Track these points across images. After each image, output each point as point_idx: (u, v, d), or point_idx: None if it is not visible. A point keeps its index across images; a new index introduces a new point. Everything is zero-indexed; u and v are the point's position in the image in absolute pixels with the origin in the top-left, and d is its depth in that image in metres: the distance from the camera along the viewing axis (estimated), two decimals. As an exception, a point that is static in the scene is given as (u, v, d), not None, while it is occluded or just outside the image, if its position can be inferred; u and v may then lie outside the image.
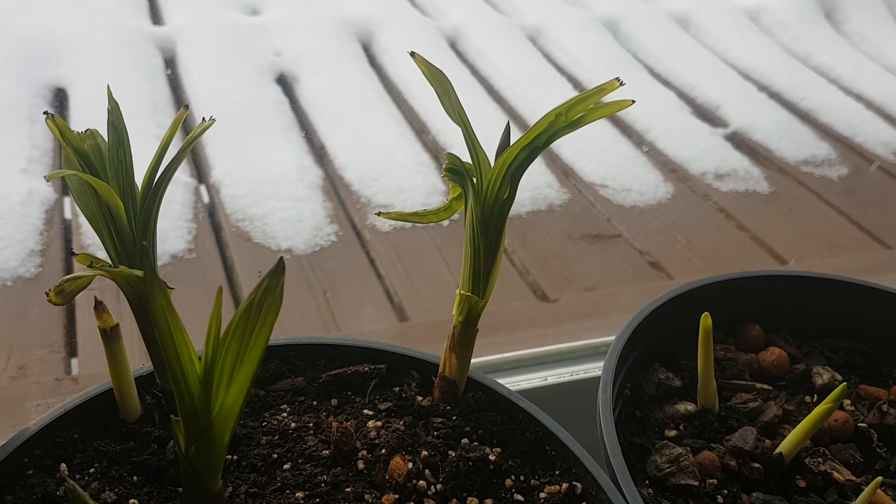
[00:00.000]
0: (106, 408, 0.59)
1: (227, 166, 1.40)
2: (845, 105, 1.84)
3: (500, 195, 0.57)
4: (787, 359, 0.73)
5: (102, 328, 0.56)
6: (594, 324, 1.06)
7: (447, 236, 1.31)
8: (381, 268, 1.24)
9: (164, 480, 0.55)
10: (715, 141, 1.67)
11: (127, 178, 0.50)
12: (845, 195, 1.55)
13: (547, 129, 0.54)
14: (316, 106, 1.63)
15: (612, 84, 0.52)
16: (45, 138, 1.42)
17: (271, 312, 0.41)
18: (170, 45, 1.76)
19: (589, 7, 2.18)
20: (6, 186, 1.26)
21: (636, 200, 1.47)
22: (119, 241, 0.50)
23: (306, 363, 0.66)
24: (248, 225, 1.28)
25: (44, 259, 1.16)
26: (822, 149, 1.68)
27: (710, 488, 0.61)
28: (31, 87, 1.54)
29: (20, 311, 1.06)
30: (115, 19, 1.79)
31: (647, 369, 0.70)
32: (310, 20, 1.92)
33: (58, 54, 1.64)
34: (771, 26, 2.16)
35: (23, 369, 0.97)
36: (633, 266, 1.31)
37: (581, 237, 1.37)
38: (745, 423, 0.67)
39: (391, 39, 1.89)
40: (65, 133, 0.49)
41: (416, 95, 1.71)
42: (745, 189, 1.53)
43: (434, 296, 1.20)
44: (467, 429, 0.61)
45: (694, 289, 0.73)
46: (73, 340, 1.03)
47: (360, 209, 1.36)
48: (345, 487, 0.55)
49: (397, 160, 1.48)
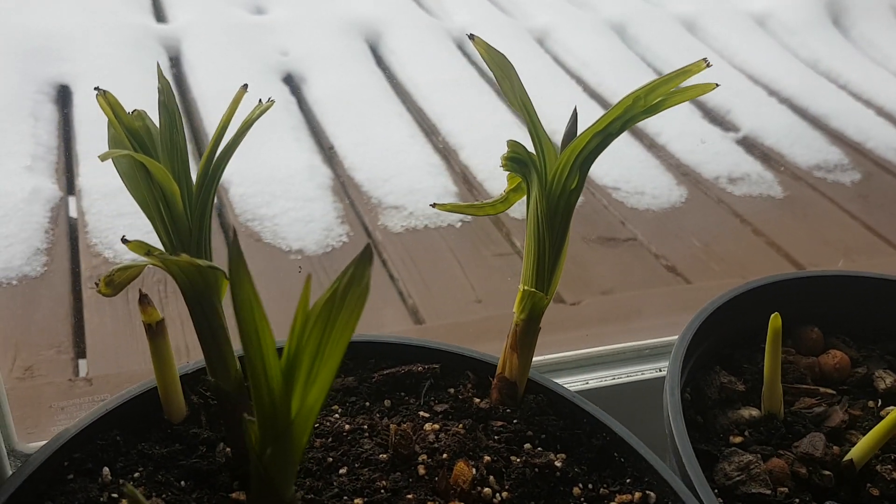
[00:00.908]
0: (149, 408, 0.55)
1: (235, 166, 1.35)
2: (855, 110, 1.83)
3: (568, 185, 0.54)
4: (848, 362, 0.70)
5: (147, 323, 0.52)
6: (619, 328, 1.04)
7: (460, 238, 1.29)
8: (394, 269, 1.21)
9: (215, 486, 0.51)
10: (727, 145, 1.65)
11: (182, 161, 0.47)
12: (859, 200, 1.54)
13: (623, 113, 0.51)
14: (324, 106, 1.61)
15: (698, 65, 0.49)
16: (48, 135, 1.41)
17: (358, 305, 0.38)
18: (174, 43, 1.74)
19: (596, 10, 2.16)
20: (10, 184, 1.24)
21: (650, 203, 1.45)
22: (174, 228, 0.46)
23: (356, 362, 0.62)
24: (258, 225, 1.26)
25: (49, 258, 1.14)
26: (833, 154, 1.67)
27: (782, 497, 0.58)
28: (35, 84, 1.53)
29: (26, 311, 1.04)
30: (119, 17, 1.77)
31: (707, 373, 0.67)
32: (316, 20, 1.89)
33: (61, 51, 1.62)
34: (778, 31, 2.16)
35: (30, 370, 0.95)
36: (649, 270, 1.29)
37: (596, 240, 1.35)
38: (812, 429, 0.64)
39: (399, 40, 1.87)
40: (117, 110, 0.45)
41: (424, 96, 1.69)
42: (758, 193, 1.52)
43: (448, 298, 1.18)
44: (529, 433, 0.58)
45: (749, 290, 0.70)
46: (82, 341, 1.01)
47: (370, 210, 1.33)
48: (406, 494, 0.52)
49: (407, 161, 1.46)
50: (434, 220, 1.32)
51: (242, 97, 0.48)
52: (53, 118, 1.46)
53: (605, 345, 0.85)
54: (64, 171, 1.34)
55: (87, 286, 1.09)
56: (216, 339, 0.49)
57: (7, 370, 0.93)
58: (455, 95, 1.69)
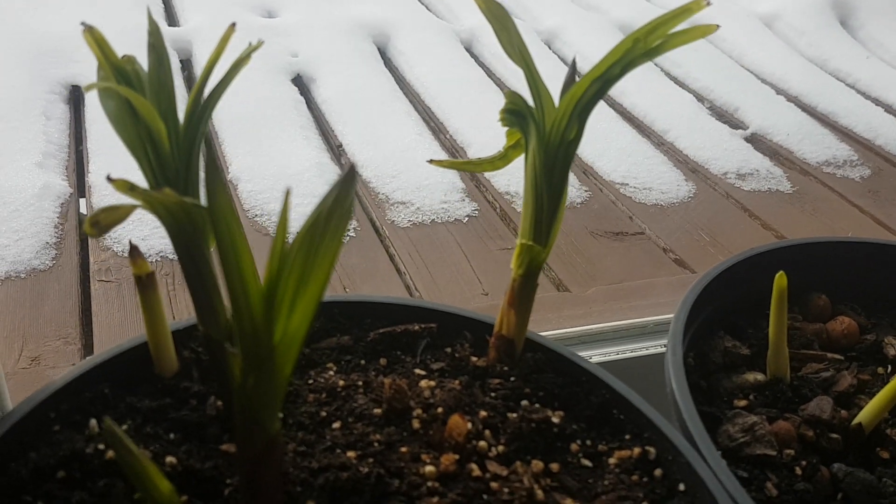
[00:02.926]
0: (139, 362, 0.54)
1: (244, 163, 1.38)
2: (864, 108, 1.82)
3: (567, 135, 0.53)
4: (857, 328, 0.69)
5: (137, 275, 0.51)
6: (631, 304, 1.02)
7: (468, 232, 1.28)
8: (401, 263, 1.21)
9: (205, 438, 0.50)
10: (735, 142, 1.65)
11: (168, 100, 0.46)
12: (869, 195, 1.52)
13: (622, 57, 0.50)
14: (333, 105, 1.62)
15: (698, 3, 0.48)
16: (59, 134, 1.43)
17: (340, 228, 0.37)
18: (185, 45, 1.76)
19: (604, 11, 2.16)
20: (21, 180, 1.26)
21: (658, 199, 1.44)
22: (159, 168, 0.45)
23: (352, 322, 0.61)
24: (267, 220, 1.26)
25: (58, 251, 1.14)
26: (843, 150, 1.66)
27: (788, 459, 0.57)
28: (47, 84, 1.55)
29: (34, 304, 1.04)
30: (130, 19, 1.78)
31: (711, 338, 0.66)
32: (325, 23, 1.91)
33: (74, 53, 1.65)
34: (786, 32, 2.15)
35: (36, 360, 0.95)
36: (657, 263, 1.28)
37: (604, 234, 1.34)
38: (819, 393, 0.62)
39: (407, 41, 1.88)
40: (104, 49, 0.45)
41: (432, 96, 1.69)
42: (767, 188, 1.51)
43: (455, 290, 1.17)
44: (527, 390, 0.56)
45: (755, 255, 0.69)
46: (89, 333, 1.01)
47: (378, 206, 1.33)
48: (400, 447, 0.50)
49: (415, 158, 1.45)
50: (441, 215, 1.32)
51: (231, 35, 0.47)
52: (65, 117, 1.48)
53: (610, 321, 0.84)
54: (74, 169, 1.35)
55: (95, 280, 1.10)
56: (204, 286, 0.48)
57: (14, 360, 0.93)
58: (462, 95, 1.69)
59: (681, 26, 0.50)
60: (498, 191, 1.39)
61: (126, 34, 1.68)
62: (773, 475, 0.56)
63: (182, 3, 1.97)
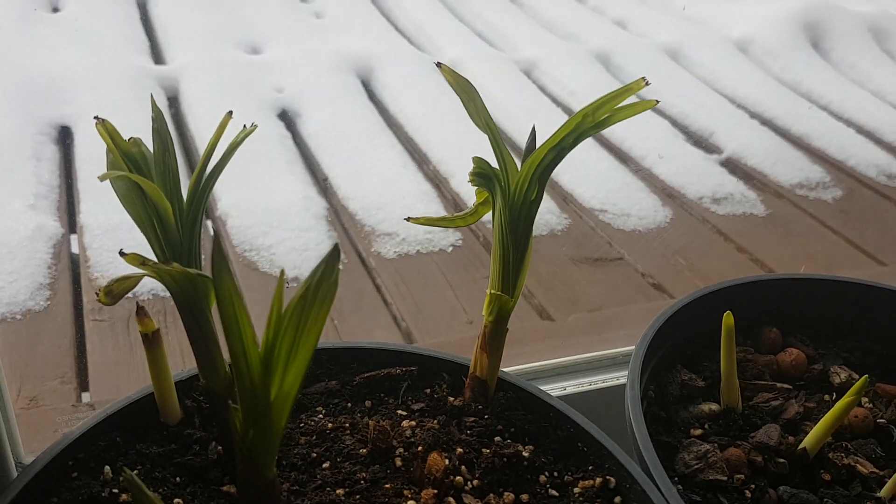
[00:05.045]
0: (147, 412, 0.59)
1: (232, 198, 1.42)
2: (836, 130, 1.88)
3: (529, 196, 0.59)
4: (804, 359, 0.75)
5: (144, 333, 0.57)
6: (603, 338, 1.08)
7: (452, 262, 1.33)
8: (388, 294, 1.25)
9: (207, 480, 0.56)
10: (710, 167, 1.70)
11: (174, 181, 0.52)
12: (840, 216, 1.58)
13: (574, 129, 0.56)
14: (318, 139, 1.67)
15: (638, 83, 0.54)
16: (50, 175, 1.45)
17: (327, 298, 0.43)
18: (172, 83, 1.80)
19: (582, 41, 2.22)
20: (14, 222, 1.29)
21: (636, 224, 1.49)
22: (166, 241, 0.51)
23: (339, 367, 0.67)
24: (255, 255, 1.30)
25: (52, 292, 1.17)
26: (815, 172, 1.71)
27: (738, 483, 0.63)
28: (37, 125, 1.58)
29: (31, 344, 1.07)
30: (118, 59, 1.83)
31: (670, 371, 0.72)
32: (310, 58, 1.96)
33: (63, 93, 1.68)
34: (760, 56, 2.22)
35: (34, 400, 0.98)
36: (635, 288, 1.33)
37: (583, 261, 1.39)
38: (769, 421, 0.68)
39: (390, 75, 1.93)
40: (114, 137, 0.50)
41: (416, 127, 1.74)
42: (742, 212, 1.56)
43: (440, 320, 1.21)
44: (500, 427, 0.62)
45: (711, 292, 0.75)
46: (85, 371, 1.04)
47: (364, 237, 1.38)
48: (384, 484, 0.56)
49: (400, 189, 1.51)
50: (426, 245, 1.36)
51: (228, 122, 0.53)
52: (55, 158, 1.52)
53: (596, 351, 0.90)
54: (66, 209, 1.39)
55: (89, 319, 1.13)
56: (206, 343, 0.53)
57: (13, 401, 0.95)
58: (445, 125, 1.74)
59: (626, 101, 0.56)
60: (481, 220, 1.45)
61: (116, 73, 1.75)
62: (725, 498, 0.61)
63: (168, 42, 2.02)
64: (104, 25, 2.01)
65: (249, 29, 2.12)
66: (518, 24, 2.33)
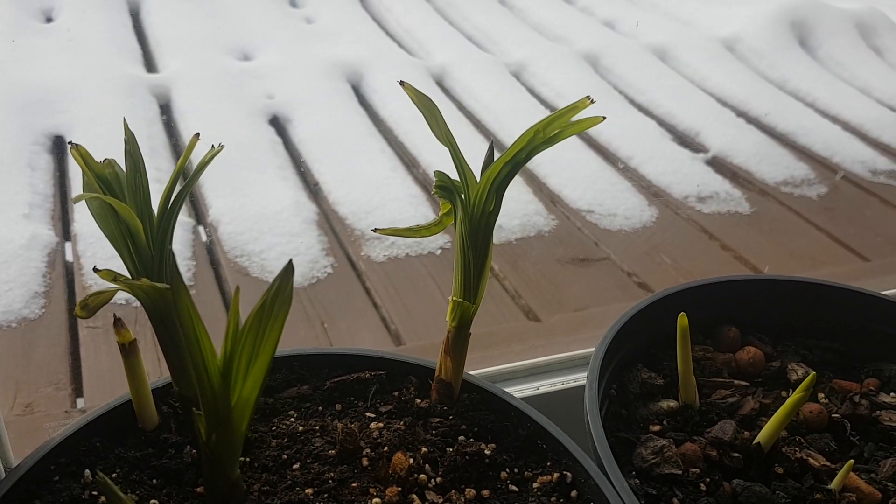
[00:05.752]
0: (125, 418, 0.63)
1: (224, 205, 1.44)
2: (822, 127, 1.90)
3: (487, 207, 0.62)
4: (762, 357, 0.78)
5: (121, 343, 0.60)
6: (582, 336, 1.10)
7: (440, 265, 1.36)
8: (377, 297, 1.28)
9: (182, 482, 0.59)
10: (696, 166, 1.73)
11: (144, 200, 0.55)
12: (825, 213, 1.60)
13: (526, 145, 0.59)
14: (309, 145, 1.69)
15: (583, 102, 0.57)
16: (45, 184, 1.48)
17: (282, 311, 0.46)
18: (164, 91, 1.83)
19: (570, 42, 2.25)
20: (9, 231, 1.31)
21: (622, 224, 1.52)
22: (138, 258, 0.54)
23: (311, 373, 0.70)
24: (246, 261, 1.32)
25: (47, 300, 1.20)
26: (801, 170, 1.74)
27: (694, 477, 0.65)
28: (32, 136, 1.60)
29: (26, 352, 1.10)
30: (111, 68, 1.85)
31: (630, 370, 0.75)
32: (300, 64, 1.98)
33: (57, 103, 1.70)
34: (747, 54, 2.24)
35: (29, 407, 1.00)
36: (621, 287, 1.36)
37: (570, 261, 1.42)
38: (725, 417, 0.71)
39: (380, 79, 1.96)
40: (88, 161, 0.53)
41: (405, 131, 1.77)
42: (727, 210, 1.59)
43: (429, 321, 1.24)
44: (463, 427, 0.65)
45: (672, 294, 0.78)
46: (79, 378, 1.06)
47: (354, 242, 1.40)
48: (351, 483, 0.59)
49: (390, 194, 1.53)
50: (415, 248, 1.39)
51: (196, 144, 0.56)
52: (49, 168, 1.54)
53: (570, 351, 0.92)
54: (60, 218, 1.41)
55: (83, 326, 1.15)
56: (177, 352, 0.57)
57: (8, 408, 0.98)
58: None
59: (575, 118, 0.59)
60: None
61: (109, 82, 1.78)
62: (680, 491, 0.64)
63: (160, 50, 2.05)
64: (97, 35, 2.03)
65: (240, 36, 2.15)
66: (507, 26, 2.36)
